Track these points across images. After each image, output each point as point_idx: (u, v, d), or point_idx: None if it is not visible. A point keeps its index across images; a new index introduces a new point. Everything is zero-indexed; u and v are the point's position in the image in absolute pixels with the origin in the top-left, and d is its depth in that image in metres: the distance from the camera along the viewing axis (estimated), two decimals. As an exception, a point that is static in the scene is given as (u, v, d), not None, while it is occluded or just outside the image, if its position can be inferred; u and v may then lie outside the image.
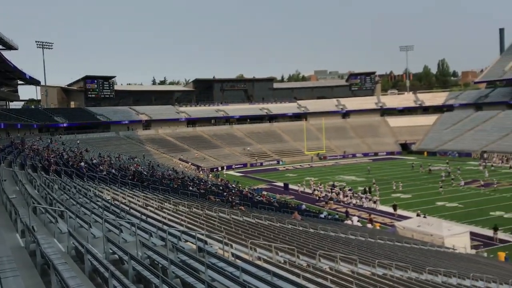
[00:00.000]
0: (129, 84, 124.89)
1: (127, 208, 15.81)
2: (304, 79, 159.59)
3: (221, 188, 40.53)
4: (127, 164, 44.52)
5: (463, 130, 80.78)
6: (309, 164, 72.31)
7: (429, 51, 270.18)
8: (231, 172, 66.35)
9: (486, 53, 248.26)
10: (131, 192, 22.48)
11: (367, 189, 43.02)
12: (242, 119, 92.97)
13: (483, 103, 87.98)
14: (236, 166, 71.84)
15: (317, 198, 42.72)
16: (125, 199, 19.08)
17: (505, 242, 26.16)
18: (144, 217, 14.05)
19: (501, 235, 27.00)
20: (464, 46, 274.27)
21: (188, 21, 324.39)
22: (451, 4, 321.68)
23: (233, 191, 39.13)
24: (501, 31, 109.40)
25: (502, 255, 23.22)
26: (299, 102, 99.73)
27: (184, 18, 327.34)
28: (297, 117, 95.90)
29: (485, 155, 65.86)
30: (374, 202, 38.61)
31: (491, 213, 33.13)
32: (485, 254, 23.69)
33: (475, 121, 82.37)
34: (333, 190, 43.78)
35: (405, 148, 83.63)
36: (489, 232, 27.19)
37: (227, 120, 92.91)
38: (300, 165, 71.81)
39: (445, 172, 52.29)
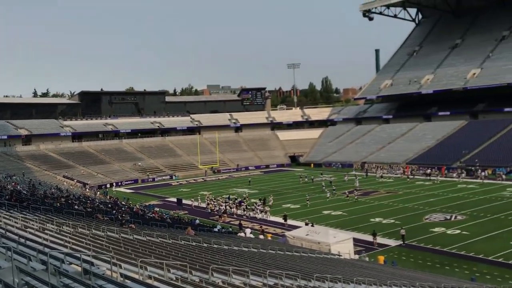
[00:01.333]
0: (6, 96, 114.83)
1: (3, 231, 14.41)
2: (197, 93, 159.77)
3: (110, 206, 38.76)
4: (4, 183, 40.71)
5: (345, 142, 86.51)
6: (203, 178, 72.21)
7: (314, 69, 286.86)
8: (121, 189, 63.84)
9: (365, 71, 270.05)
10: (7, 213, 20.54)
11: (259, 201, 43.98)
12: (133, 133, 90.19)
13: (362, 118, 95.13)
14: (126, 183, 69.32)
15: (210, 211, 42.83)
16: (0, 221, 17.38)
17: (384, 246, 28.34)
18: (22, 240, 12.90)
19: (380, 239, 29.20)
20: (345, 65, 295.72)
21: (74, 32, 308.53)
22: (333, 26, 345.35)
23: (123, 208, 37.64)
24: (377, 52, 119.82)
25: (381, 258, 25.10)
26: (192, 116, 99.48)
27: (69, 28, 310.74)
28: (190, 131, 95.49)
29: (366, 166, 71.11)
30: (265, 213, 39.67)
31: (371, 219, 35.73)
32: (367, 259, 25.42)
33: (356, 134, 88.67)
34: (227, 203, 44.10)
35: (294, 160, 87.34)
36: (370, 238, 29.27)
37: (116, 134, 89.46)
38: (194, 180, 71.42)
39: (325, 182, 55.52)
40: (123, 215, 31.46)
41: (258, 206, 41.56)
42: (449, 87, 78.86)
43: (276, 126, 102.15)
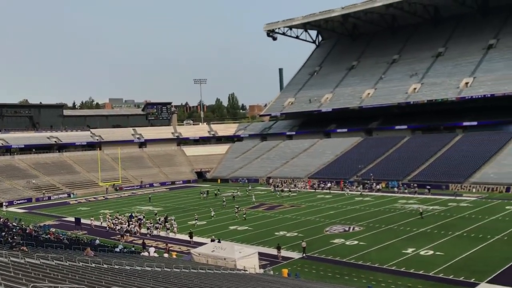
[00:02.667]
0: None
1: None
2: (98, 106, 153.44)
3: (-1, 227, 35.45)
4: None
5: (251, 158, 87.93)
6: (104, 196, 69.04)
7: (221, 85, 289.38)
8: (12, 209, 58.90)
9: (270, 89, 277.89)
10: None
11: (164, 218, 42.94)
12: (26, 149, 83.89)
13: (267, 134, 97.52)
14: (19, 202, 64.21)
15: (108, 229, 41.15)
16: None
17: (288, 259, 29.00)
18: None
19: (284, 253, 29.85)
20: (252, 82, 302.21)
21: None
22: (240, 43, 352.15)
23: (14, 230, 34.66)
24: (280, 70, 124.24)
25: (285, 271, 25.62)
26: (93, 130, 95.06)
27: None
28: (90, 146, 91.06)
29: (271, 180, 72.73)
30: (169, 231, 38.87)
31: (276, 233, 36.45)
32: (271, 272, 25.81)
33: (261, 150, 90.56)
34: (130, 222, 42.46)
35: (201, 176, 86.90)
36: (274, 251, 29.81)
37: (8, 150, 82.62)
38: (94, 198, 68.04)
39: (226, 198, 55.89)
40: (14, 237, 28.94)
41: (160, 223, 40.76)
42: (346, 105, 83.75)
43: (182, 141, 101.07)
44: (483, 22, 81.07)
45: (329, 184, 63.75)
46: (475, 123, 69.50)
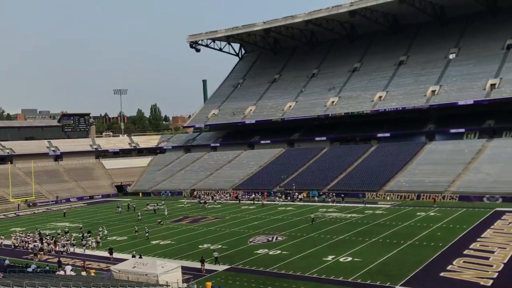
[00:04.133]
0: None
1: None
2: (9, 118, 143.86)
3: None
4: None
5: (174, 170, 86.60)
6: (15, 213, 64.60)
7: (143, 96, 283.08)
8: None
9: (194, 100, 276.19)
10: None
11: (83, 235, 40.96)
12: None
13: (191, 146, 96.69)
14: None
15: (13, 247, 38.54)
16: None
17: (212, 271, 28.77)
18: None
19: (208, 266, 29.58)
20: (175, 93, 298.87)
21: None
22: (163, 54, 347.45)
23: None
24: (204, 82, 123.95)
25: (209, 284, 25.35)
26: (3, 143, 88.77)
27: None
28: (0, 160, 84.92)
29: (195, 193, 72.02)
30: (88, 247, 37.19)
31: (200, 246, 36.06)
32: (195, 286, 25.43)
33: (185, 162, 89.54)
34: (44, 240, 39.98)
35: (121, 190, 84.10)
36: (198, 265, 29.46)
37: None
38: (4, 215, 63.49)
39: (147, 212, 54.74)
40: None
41: (88, 238, 38.90)
42: (269, 118, 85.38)
43: (101, 154, 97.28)
44: (394, 40, 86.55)
45: (253, 195, 64.35)
46: (388, 134, 73.75)
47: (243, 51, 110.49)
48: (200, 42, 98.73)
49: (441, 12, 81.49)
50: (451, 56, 77.04)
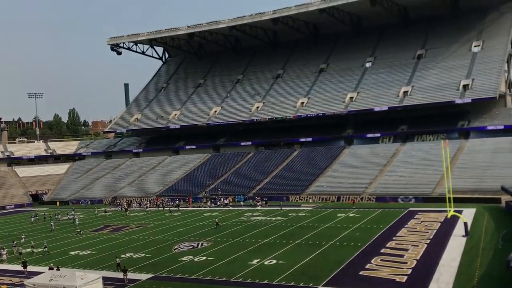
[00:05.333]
0: None
1: None
2: None
3: None
4: None
5: (94, 178, 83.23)
6: None
7: (60, 100, 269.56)
8: None
9: (115, 105, 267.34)
10: None
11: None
12: None
13: (112, 152, 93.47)
14: None
15: None
16: None
17: (135, 281, 27.93)
18: None
19: (131, 275, 28.69)
20: (95, 97, 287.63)
21: None
22: (82, 56, 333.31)
23: None
24: (126, 86, 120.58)
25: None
26: None
27: None
28: None
29: (117, 201, 69.66)
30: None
31: (122, 255, 34.88)
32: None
33: (106, 169, 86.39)
34: None
35: (37, 199, 79.45)
36: (120, 275, 28.48)
37: None
38: None
39: (66, 221, 52.40)
40: None
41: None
42: (194, 122, 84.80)
43: (14, 161, 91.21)
44: (315, 48, 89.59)
45: (177, 202, 63.46)
46: (310, 139, 76.09)
47: (166, 55, 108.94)
48: (121, 45, 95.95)
49: (358, 23, 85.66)
50: (368, 65, 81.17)
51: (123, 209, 61.07)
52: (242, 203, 60.62)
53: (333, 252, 31.76)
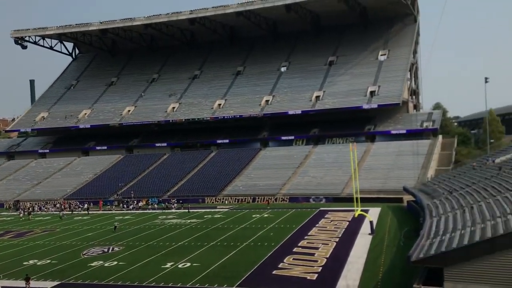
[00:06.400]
0: None
1: None
2: None
3: None
4: None
5: (-5, 180, 77.16)
6: None
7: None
8: None
9: (18, 102, 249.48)
10: None
11: None
12: None
13: (15, 152, 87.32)
14: None
15: None
16: None
17: (38, 290, 26.22)
18: None
19: (34, 283, 26.88)
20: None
21: None
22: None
23: None
24: (32, 82, 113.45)
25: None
26: None
27: None
28: None
29: (20, 204, 65.01)
30: None
31: (24, 263, 32.61)
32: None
33: (8, 170, 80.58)
34: None
35: None
36: (22, 283, 26.58)
37: None
38: None
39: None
40: None
41: None
42: (106, 122, 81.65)
43: None
44: (232, 50, 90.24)
45: (86, 205, 60.60)
46: (227, 140, 76.47)
47: (77, 51, 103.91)
48: (26, 38, 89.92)
49: (274, 28, 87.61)
50: (283, 69, 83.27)
51: (26, 213, 57.12)
52: (156, 205, 59.34)
53: (248, 253, 32.07)
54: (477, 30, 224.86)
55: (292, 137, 73.84)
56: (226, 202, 59.58)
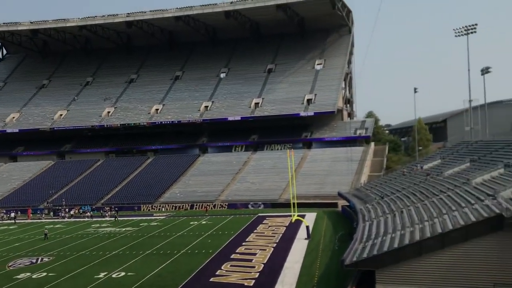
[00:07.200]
0: None
1: None
2: None
3: None
4: None
5: None
6: None
7: None
8: None
9: None
10: None
11: None
12: None
13: None
14: None
15: None
16: None
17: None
18: None
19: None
20: None
21: None
22: None
23: None
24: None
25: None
26: None
27: None
28: None
29: None
30: None
31: None
32: None
33: None
34: None
35: None
36: None
37: None
38: None
39: None
40: None
41: None
42: (36, 126, 77.89)
43: None
44: (171, 55, 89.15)
45: (13, 214, 57.19)
46: (164, 146, 75.22)
47: (4, 52, 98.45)
48: None
49: (213, 34, 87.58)
50: (222, 75, 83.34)
51: None
52: (89, 214, 57.14)
53: (185, 261, 31.60)
54: (407, 43, 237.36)
55: (232, 143, 73.97)
56: (163, 209, 58.48)
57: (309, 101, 71.96)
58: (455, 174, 35.61)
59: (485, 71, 52.81)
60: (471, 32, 55.83)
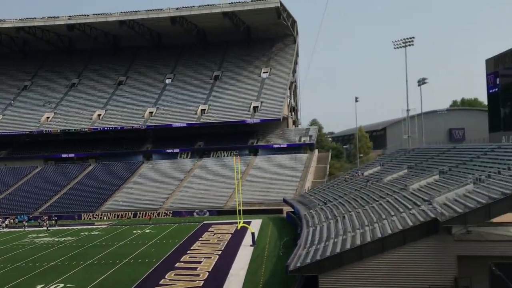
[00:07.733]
0: None
1: None
2: None
3: None
4: None
5: None
6: None
7: None
8: None
9: None
10: None
11: None
12: None
13: None
14: None
15: None
16: None
17: None
18: None
19: None
20: None
21: None
22: None
23: None
24: None
25: None
26: None
27: None
28: None
29: None
30: None
31: None
32: None
33: None
34: None
35: None
36: None
37: None
38: None
39: None
40: None
41: None
42: (-33, 132, 73.42)
43: None
44: (115, 59, 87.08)
45: None
46: (107, 153, 73.20)
47: None
48: None
49: (158, 39, 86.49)
50: (167, 81, 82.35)
51: None
52: (26, 223, 54.44)
53: (127, 271, 30.79)
54: (350, 54, 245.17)
55: (177, 150, 73.08)
56: (105, 218, 56.77)
57: (255, 108, 72.51)
58: (393, 180, 37.03)
59: (421, 82, 55.51)
60: (409, 45, 58.59)
